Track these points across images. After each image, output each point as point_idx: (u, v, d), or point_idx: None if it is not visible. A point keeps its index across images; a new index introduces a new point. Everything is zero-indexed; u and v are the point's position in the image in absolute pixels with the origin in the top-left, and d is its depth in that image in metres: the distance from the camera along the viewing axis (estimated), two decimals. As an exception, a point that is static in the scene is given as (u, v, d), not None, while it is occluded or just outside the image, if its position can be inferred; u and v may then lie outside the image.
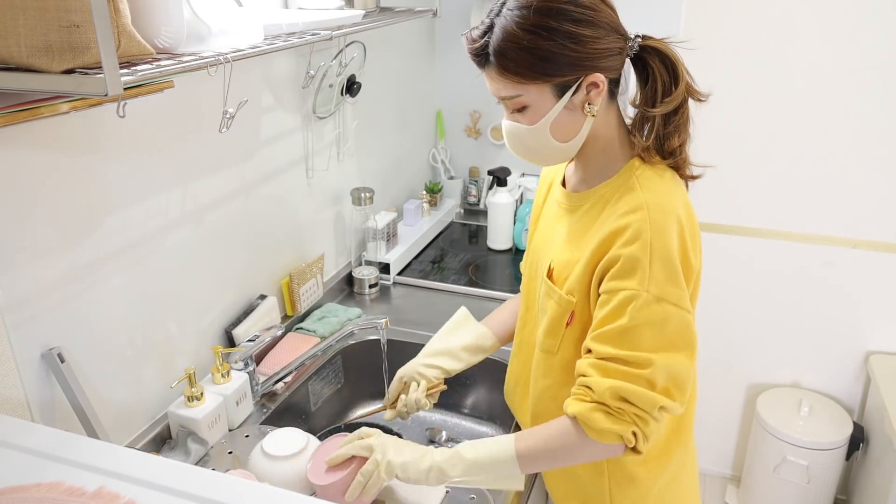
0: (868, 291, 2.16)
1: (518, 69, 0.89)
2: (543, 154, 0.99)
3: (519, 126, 0.96)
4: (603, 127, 0.97)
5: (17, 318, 0.95)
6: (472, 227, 2.25)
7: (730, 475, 2.58)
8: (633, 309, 0.89)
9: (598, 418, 0.90)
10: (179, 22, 0.84)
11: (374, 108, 1.91)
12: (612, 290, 0.91)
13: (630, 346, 0.89)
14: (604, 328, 0.91)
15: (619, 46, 0.92)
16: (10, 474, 0.73)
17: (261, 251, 1.48)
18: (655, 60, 0.94)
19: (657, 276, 0.88)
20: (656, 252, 0.88)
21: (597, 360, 0.92)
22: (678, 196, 0.95)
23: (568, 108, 0.93)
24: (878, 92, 1.96)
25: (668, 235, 0.89)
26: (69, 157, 0.99)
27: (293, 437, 1.09)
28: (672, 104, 0.93)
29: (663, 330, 0.90)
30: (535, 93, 0.91)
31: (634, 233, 0.89)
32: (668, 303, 0.89)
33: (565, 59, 0.88)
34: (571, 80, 0.90)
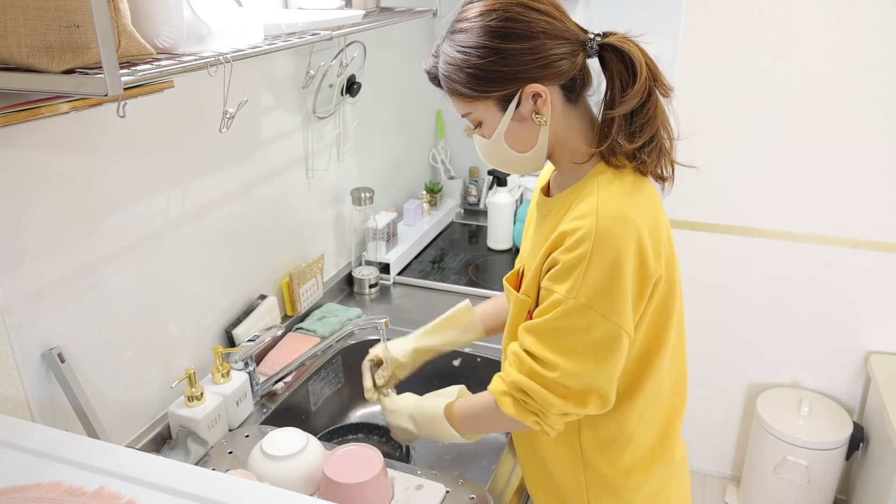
0: (868, 291, 2.16)
1: (460, 89, 0.94)
2: (512, 164, 1.01)
3: (482, 140, 0.99)
4: (564, 132, 0.96)
5: (17, 318, 0.95)
6: (472, 227, 2.25)
7: (730, 475, 2.58)
8: (558, 312, 0.90)
9: (505, 402, 0.98)
10: (179, 22, 0.84)
11: (374, 108, 1.91)
12: (545, 289, 0.93)
13: (547, 346, 0.93)
14: (535, 320, 0.94)
15: (563, 52, 0.90)
16: (10, 474, 0.73)
17: (261, 251, 1.48)
18: (613, 58, 0.92)
19: (589, 285, 0.88)
20: (594, 261, 0.87)
21: (518, 350, 0.97)
22: (637, 201, 0.92)
23: (516, 119, 0.94)
24: (878, 92, 1.97)
25: (614, 244, 0.87)
26: (69, 157, 0.99)
27: (293, 437, 1.09)
28: (631, 102, 0.90)
29: (585, 338, 0.91)
30: (482, 109, 0.95)
31: (578, 239, 0.88)
32: (595, 312, 0.89)
33: (495, 74, 0.90)
34: (510, 94, 0.92)
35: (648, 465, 1.05)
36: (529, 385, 0.94)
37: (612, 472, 1.03)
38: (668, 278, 0.94)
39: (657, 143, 0.94)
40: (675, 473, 1.10)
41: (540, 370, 0.93)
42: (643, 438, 1.03)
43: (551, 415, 0.95)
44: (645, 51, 0.92)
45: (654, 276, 0.91)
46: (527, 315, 1.00)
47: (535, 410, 0.96)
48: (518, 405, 0.97)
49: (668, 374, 1.02)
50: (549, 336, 0.93)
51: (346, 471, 1.00)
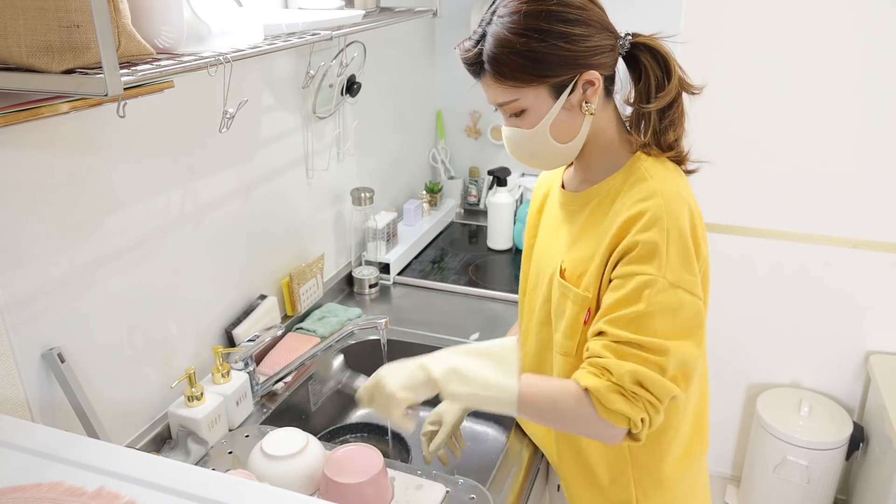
0: (868, 291, 2.16)
1: (513, 73, 0.91)
2: (545, 157, 0.99)
3: (519, 131, 0.97)
4: (602, 125, 0.98)
5: (17, 318, 0.95)
6: (472, 227, 2.25)
7: (730, 475, 2.58)
8: (650, 294, 0.88)
9: (614, 399, 0.88)
10: (179, 22, 0.84)
11: (374, 108, 1.91)
12: (627, 275, 0.90)
13: (646, 332, 0.88)
14: (619, 312, 0.90)
15: (610, 44, 0.93)
16: (10, 474, 0.73)
17: (261, 251, 1.48)
18: (647, 57, 0.95)
19: (673, 262, 0.88)
20: (673, 238, 0.88)
21: (612, 343, 0.90)
22: (685, 185, 0.96)
23: (566, 108, 0.93)
24: (878, 91, 1.97)
25: (683, 221, 0.90)
26: (69, 157, 0.99)
27: (293, 437, 1.09)
28: (666, 99, 0.94)
29: (676, 317, 0.89)
30: (532, 96, 0.92)
31: (652, 218, 0.89)
32: (682, 289, 0.89)
33: (559, 58, 0.89)
34: (567, 80, 0.91)
35: (689, 457, 1.06)
36: (646, 374, 0.87)
37: (659, 465, 1.04)
38: (706, 256, 0.96)
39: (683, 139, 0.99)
40: (703, 463, 1.11)
41: (651, 357, 0.88)
42: (686, 430, 1.03)
43: (661, 408, 0.89)
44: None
45: (704, 256, 0.94)
46: (587, 314, 0.98)
47: (646, 405, 0.89)
48: (628, 400, 0.88)
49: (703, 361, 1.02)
50: (645, 321, 0.88)
51: (346, 471, 1.00)
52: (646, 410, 0.89)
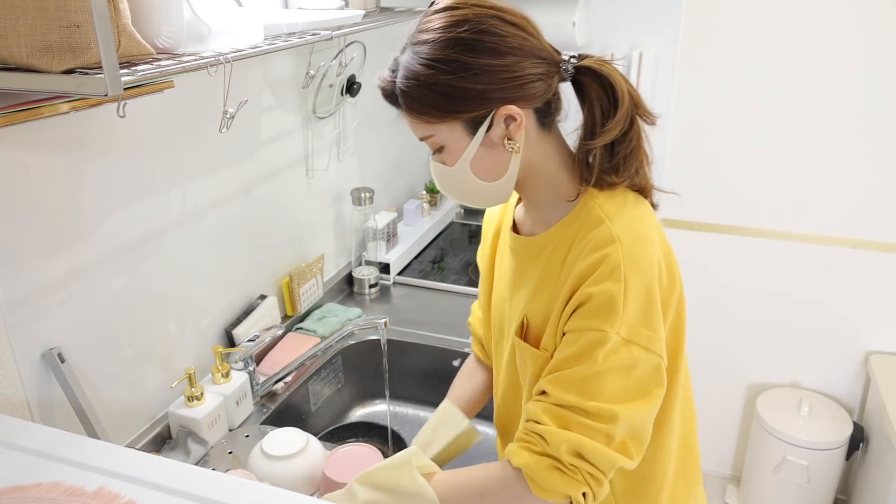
0: (868, 291, 2.16)
1: (423, 108, 0.83)
2: (475, 196, 0.89)
3: (443, 167, 0.88)
4: (539, 159, 0.87)
5: (17, 318, 0.95)
6: (473, 227, 2.25)
7: (730, 475, 2.58)
8: (602, 352, 0.78)
9: (548, 476, 0.80)
10: (179, 22, 0.84)
11: (374, 108, 1.91)
12: (578, 329, 0.81)
13: (593, 396, 0.79)
14: (565, 370, 0.81)
15: (538, 72, 0.82)
16: (10, 474, 0.73)
17: (261, 251, 1.48)
18: (592, 83, 0.84)
19: (630, 316, 0.79)
20: (631, 289, 0.79)
21: (553, 407, 0.81)
22: (648, 219, 0.85)
23: (485, 144, 0.84)
24: (878, 91, 1.97)
25: (645, 268, 0.80)
26: (70, 158, 0.99)
27: (293, 437, 1.09)
28: (613, 132, 0.83)
29: (629, 376, 0.80)
30: (446, 132, 0.84)
31: (607, 268, 0.79)
32: (637, 346, 0.79)
33: (469, 93, 0.80)
34: (481, 115, 0.82)
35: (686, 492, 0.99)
36: (586, 444, 0.78)
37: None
38: (680, 294, 0.87)
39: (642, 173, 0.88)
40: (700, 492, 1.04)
41: (596, 425, 0.79)
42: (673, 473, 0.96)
43: (605, 480, 0.81)
44: (624, 76, 0.84)
45: (675, 293, 0.85)
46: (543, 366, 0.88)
47: (586, 478, 0.80)
48: (565, 475, 0.79)
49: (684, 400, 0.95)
50: (594, 383, 0.79)
51: (346, 471, 1.00)
52: (587, 483, 0.80)
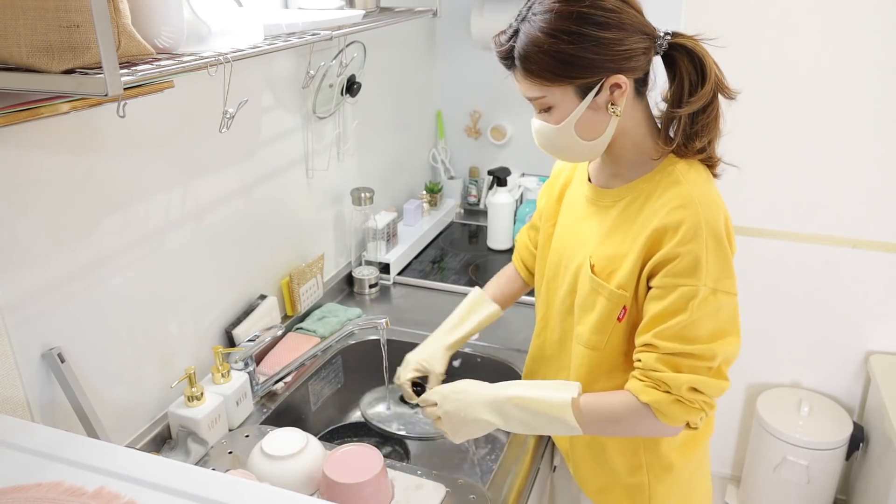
0: (868, 291, 2.16)
1: (541, 72, 0.93)
2: (570, 152, 1.01)
3: (546, 125, 0.99)
4: (631, 124, 0.99)
5: (17, 318, 0.95)
6: (472, 227, 2.25)
7: (730, 475, 2.58)
8: (694, 304, 0.92)
9: (674, 409, 0.95)
10: (179, 22, 0.84)
11: (374, 108, 1.91)
12: (669, 286, 0.94)
13: (694, 341, 0.93)
14: (665, 324, 0.94)
15: (643, 46, 0.93)
16: (10, 474, 0.73)
17: (261, 251, 1.48)
18: (683, 58, 0.95)
19: (713, 269, 0.92)
20: (711, 246, 0.92)
21: (665, 356, 0.95)
22: (715, 189, 0.98)
23: (592, 108, 0.95)
24: (878, 92, 1.96)
25: (719, 227, 0.93)
26: (69, 157, 0.99)
27: (293, 437, 1.09)
28: (698, 103, 0.94)
29: (717, 319, 0.94)
30: (559, 94, 0.94)
31: (690, 228, 0.92)
32: (721, 292, 0.93)
33: (586, 61, 0.90)
34: (593, 82, 0.92)
35: (696, 440, 1.11)
36: (701, 381, 0.94)
37: (668, 449, 1.09)
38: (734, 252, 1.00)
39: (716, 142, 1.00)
40: (707, 447, 1.17)
41: (702, 364, 0.94)
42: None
43: (715, 402, 0.97)
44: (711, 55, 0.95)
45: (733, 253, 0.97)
46: (622, 311, 1.01)
47: (703, 405, 0.96)
48: (687, 406, 0.95)
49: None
50: (692, 329, 0.93)
51: (346, 471, 1.00)
52: (702, 409, 0.96)
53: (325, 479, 1.01)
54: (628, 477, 1.12)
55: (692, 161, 0.99)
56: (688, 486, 1.14)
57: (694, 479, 1.15)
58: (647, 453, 1.10)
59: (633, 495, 1.13)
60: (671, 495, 1.13)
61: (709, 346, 0.94)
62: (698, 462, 1.15)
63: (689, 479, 1.14)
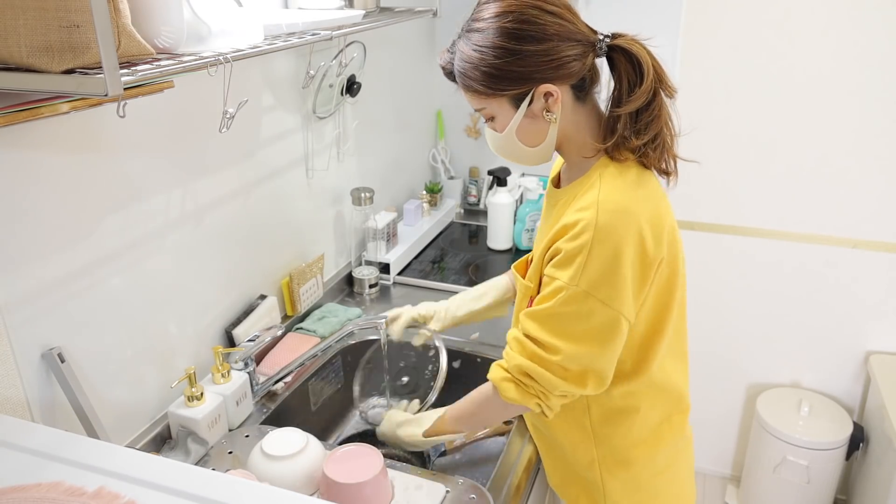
0: (868, 291, 2.16)
1: (474, 85, 0.97)
2: (520, 157, 1.05)
3: (494, 133, 1.04)
4: (573, 128, 1.01)
5: (17, 318, 0.95)
6: (472, 227, 2.25)
7: (730, 475, 2.58)
8: (560, 299, 0.95)
9: (507, 387, 1.02)
10: (179, 22, 0.84)
11: (374, 108, 1.91)
12: (549, 276, 0.98)
13: (549, 331, 0.97)
14: (535, 308, 0.99)
15: (575, 53, 0.94)
16: (10, 474, 0.73)
17: (261, 251, 1.48)
18: (621, 59, 0.96)
19: (591, 273, 0.93)
20: (595, 251, 0.92)
21: (518, 335, 1.01)
22: (638, 194, 0.96)
23: (528, 116, 0.98)
24: (878, 91, 1.97)
25: (614, 235, 0.92)
26: (69, 158, 0.99)
27: (293, 437, 1.09)
28: (636, 102, 0.94)
29: (585, 323, 0.95)
30: (495, 105, 0.99)
31: (580, 229, 0.93)
32: (596, 299, 0.93)
33: (513, 74, 0.94)
34: (523, 93, 0.96)
35: (657, 439, 1.10)
36: (533, 368, 0.98)
37: (623, 445, 1.08)
38: (669, 261, 0.99)
39: (661, 140, 0.98)
40: (684, 450, 1.15)
41: (542, 354, 0.98)
42: (651, 413, 1.08)
43: (553, 396, 1.00)
44: (652, 53, 0.96)
45: (656, 261, 0.96)
46: (528, 301, 1.05)
47: (537, 393, 1.00)
48: (520, 389, 1.01)
49: (671, 354, 1.07)
50: (551, 321, 0.97)
51: (346, 471, 1.00)
52: (537, 397, 1.01)
53: (325, 479, 1.01)
54: (583, 471, 1.13)
55: (626, 165, 0.98)
56: (650, 488, 1.12)
57: (659, 481, 1.12)
58: (600, 448, 1.10)
59: (589, 491, 1.14)
60: (630, 494, 1.11)
61: (555, 342, 0.96)
62: (666, 464, 1.12)
63: (651, 480, 1.11)
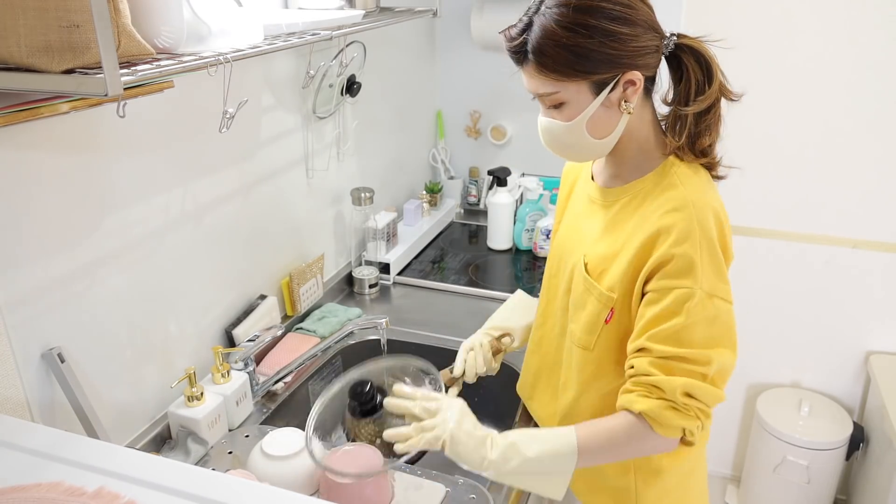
0: (868, 291, 2.16)
1: (557, 67, 0.90)
2: (578, 150, 1.00)
3: (555, 122, 0.97)
4: (638, 124, 0.98)
5: (17, 318, 0.95)
6: (472, 227, 2.25)
7: (730, 475, 2.58)
8: (690, 307, 0.90)
9: (669, 416, 0.92)
10: (179, 22, 0.84)
11: (374, 108, 1.91)
12: (664, 289, 0.92)
13: (688, 344, 0.91)
14: (659, 327, 0.92)
15: (655, 44, 0.93)
16: (10, 474, 0.73)
17: (261, 251, 1.48)
18: (690, 59, 0.95)
19: (708, 273, 0.91)
20: (705, 249, 0.91)
21: (657, 360, 0.92)
22: (713, 192, 0.97)
23: (605, 105, 0.94)
24: (878, 91, 1.96)
25: (712, 231, 0.92)
26: (69, 157, 0.99)
27: (293, 437, 1.09)
28: (704, 103, 0.94)
29: (713, 326, 0.92)
30: (573, 90, 0.92)
31: (684, 231, 0.91)
32: (718, 298, 0.92)
33: (604, 56, 0.89)
34: (609, 78, 0.91)
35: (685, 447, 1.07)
36: (695, 385, 0.91)
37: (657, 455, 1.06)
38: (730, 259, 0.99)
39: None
40: (703, 452, 1.14)
41: (696, 368, 0.91)
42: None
43: (710, 412, 0.95)
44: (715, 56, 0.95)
45: (730, 257, 0.97)
46: (609, 312, 0.99)
47: (697, 413, 0.93)
48: (681, 413, 0.92)
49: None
50: (687, 333, 0.91)
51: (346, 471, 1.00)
52: (698, 417, 0.93)
53: (326, 479, 1.01)
54: (615, 479, 1.10)
55: (693, 164, 0.98)
56: (680, 491, 1.12)
57: (686, 484, 1.12)
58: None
59: (620, 498, 1.11)
60: (661, 500, 1.11)
61: (703, 352, 0.91)
62: (691, 467, 1.12)
63: (680, 484, 1.11)
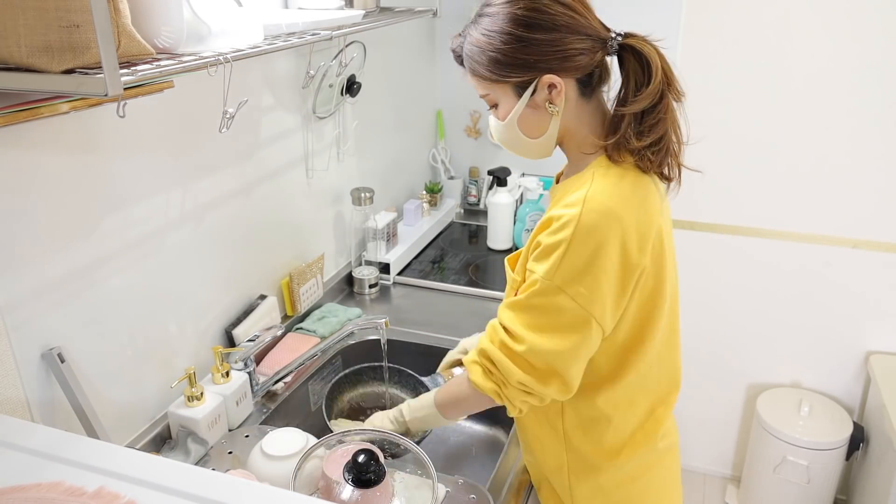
0: (868, 291, 2.16)
1: (480, 71, 0.98)
2: (521, 148, 1.05)
3: (496, 121, 1.04)
4: (575, 123, 1.00)
5: (17, 318, 0.95)
6: (472, 227, 2.25)
7: (730, 475, 2.58)
8: (533, 291, 0.95)
9: (474, 370, 1.03)
10: (179, 22, 0.84)
11: (374, 108, 1.91)
12: (529, 269, 0.98)
13: (518, 321, 0.97)
14: (512, 298, 1.00)
15: (583, 47, 0.93)
16: (10, 474, 0.73)
17: (261, 251, 1.48)
18: (630, 58, 0.95)
19: (566, 269, 0.92)
20: (573, 248, 0.91)
21: (494, 322, 1.02)
22: (628, 196, 0.93)
23: (531, 106, 0.98)
24: (877, 91, 1.96)
25: (596, 235, 0.90)
26: (69, 157, 0.99)
27: (293, 437, 1.09)
28: (642, 103, 0.93)
29: (554, 318, 0.95)
30: (499, 92, 0.99)
31: (561, 224, 0.92)
32: (567, 296, 0.93)
33: (518, 61, 0.94)
34: (527, 81, 0.95)
35: (629, 450, 1.07)
36: (496, 354, 0.99)
37: (593, 452, 1.07)
38: (655, 273, 0.96)
39: (664, 144, 0.96)
40: (659, 459, 1.11)
41: (508, 342, 0.98)
42: (624, 423, 1.06)
43: (511, 386, 0.99)
44: (663, 55, 0.95)
45: (638, 269, 0.94)
46: (514, 294, 1.04)
47: (497, 381, 1.00)
48: (484, 374, 1.02)
49: (654, 365, 1.05)
50: (522, 312, 0.97)
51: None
52: (497, 385, 1.01)
53: (325, 479, 1.01)
54: (552, 475, 1.12)
55: (623, 166, 0.96)
56: (620, 497, 1.09)
57: (630, 490, 1.09)
58: (569, 453, 1.09)
59: (558, 496, 1.13)
60: (596, 498, 1.09)
61: (521, 331, 0.96)
62: (638, 473, 1.09)
63: (620, 489, 1.09)
